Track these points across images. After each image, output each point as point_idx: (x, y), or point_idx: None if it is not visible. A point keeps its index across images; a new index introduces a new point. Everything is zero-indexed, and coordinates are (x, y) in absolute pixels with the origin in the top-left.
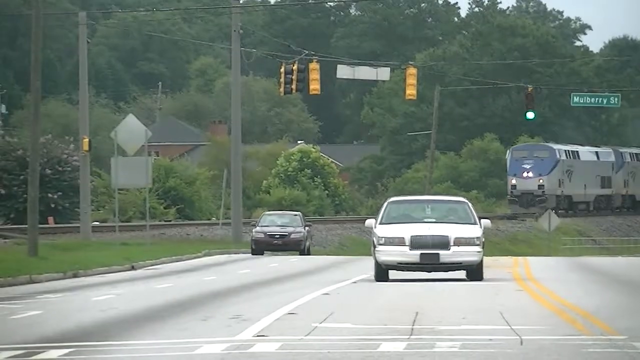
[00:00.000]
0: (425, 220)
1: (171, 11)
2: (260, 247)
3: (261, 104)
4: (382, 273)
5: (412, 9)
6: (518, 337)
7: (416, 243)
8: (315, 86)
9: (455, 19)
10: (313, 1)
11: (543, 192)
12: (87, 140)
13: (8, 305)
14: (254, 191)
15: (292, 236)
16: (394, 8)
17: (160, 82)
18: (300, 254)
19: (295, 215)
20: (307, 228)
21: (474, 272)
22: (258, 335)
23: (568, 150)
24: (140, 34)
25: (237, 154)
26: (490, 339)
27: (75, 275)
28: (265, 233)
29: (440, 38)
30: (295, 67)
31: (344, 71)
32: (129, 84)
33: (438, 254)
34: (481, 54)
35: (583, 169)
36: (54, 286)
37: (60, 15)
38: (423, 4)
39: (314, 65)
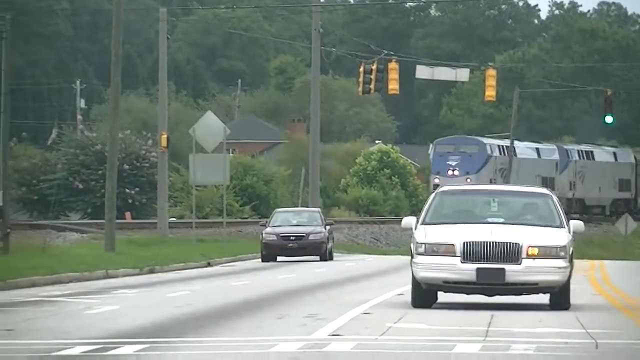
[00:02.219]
0: (489, 219)
1: (252, 8)
2: (272, 252)
3: (340, 103)
4: (422, 296)
5: (492, 11)
6: (593, 341)
7: (472, 253)
8: (394, 86)
9: (535, 21)
10: (393, 1)
11: None
12: (165, 136)
13: (84, 299)
14: (332, 190)
15: (311, 237)
16: (474, 9)
17: (239, 80)
18: (321, 259)
19: (314, 212)
20: (327, 227)
21: (558, 297)
22: (333, 335)
23: (502, 146)
24: (221, 30)
25: (315, 152)
26: (566, 342)
27: (151, 271)
28: (277, 234)
29: (520, 40)
30: (374, 67)
31: (423, 71)
32: (208, 81)
33: (504, 269)
34: (561, 56)
35: (520, 168)
36: (130, 282)
37: (141, 11)
38: (503, 6)
39: (393, 65)
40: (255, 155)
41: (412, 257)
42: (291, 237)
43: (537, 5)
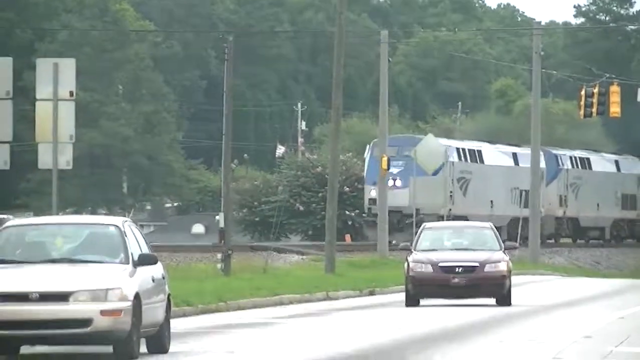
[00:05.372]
0: None
1: (473, 31)
2: (423, 291)
3: (560, 126)
4: None
5: None
6: None
7: None
8: (615, 109)
9: None
10: (614, 24)
11: (418, 209)
12: (385, 158)
13: (305, 319)
14: None
15: (487, 269)
16: None
17: (460, 102)
18: (499, 303)
19: (485, 228)
20: (506, 252)
21: None
22: (555, 358)
23: (463, 149)
24: (442, 53)
25: (535, 174)
26: None
27: (371, 293)
28: (433, 263)
29: None
30: (596, 90)
31: None
32: (428, 103)
33: None
34: None
35: (487, 178)
36: (350, 303)
37: (362, 33)
38: None
39: (614, 89)
40: None
41: None
42: (456, 269)
43: None
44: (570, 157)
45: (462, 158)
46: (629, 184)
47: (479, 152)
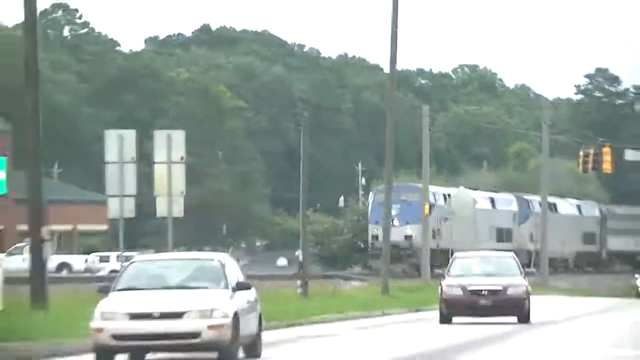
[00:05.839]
0: None
1: (495, 106)
2: (455, 311)
3: (566, 179)
4: None
5: None
6: None
7: None
8: (607, 166)
9: None
10: (606, 99)
11: (411, 244)
12: (428, 205)
13: (365, 331)
14: None
15: (509, 292)
16: None
17: (485, 161)
18: (520, 321)
19: (507, 257)
20: (525, 277)
21: None
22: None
23: (446, 194)
24: (471, 123)
25: (544, 225)
26: None
27: (417, 310)
28: (463, 287)
29: None
30: (592, 151)
31: (630, 155)
32: (462, 164)
33: None
34: None
35: (473, 218)
36: (401, 319)
37: (408, 109)
38: None
39: (606, 150)
40: None
41: None
42: (482, 292)
43: None
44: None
45: (444, 202)
46: (588, 224)
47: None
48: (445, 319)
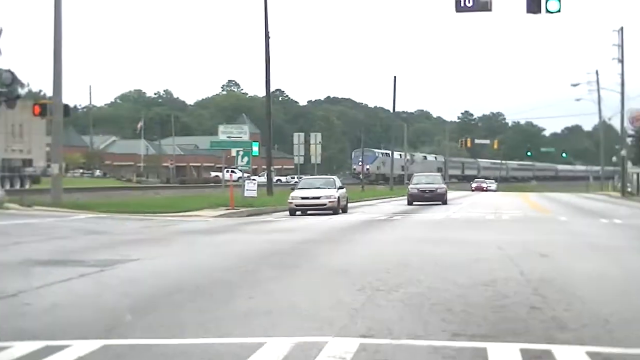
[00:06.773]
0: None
1: None
2: (413, 199)
3: None
4: None
5: None
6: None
7: None
8: None
9: None
10: None
11: (368, 171)
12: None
13: (380, 203)
14: None
15: (438, 190)
16: None
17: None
18: (443, 203)
19: (437, 175)
20: (446, 184)
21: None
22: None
23: (384, 153)
24: None
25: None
26: None
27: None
28: (418, 189)
29: None
30: None
31: None
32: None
33: None
34: None
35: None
36: (392, 200)
37: None
38: None
39: None
40: None
41: None
42: (426, 190)
43: None
44: (382, 153)
45: (383, 155)
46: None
47: (387, 153)
48: (409, 203)
